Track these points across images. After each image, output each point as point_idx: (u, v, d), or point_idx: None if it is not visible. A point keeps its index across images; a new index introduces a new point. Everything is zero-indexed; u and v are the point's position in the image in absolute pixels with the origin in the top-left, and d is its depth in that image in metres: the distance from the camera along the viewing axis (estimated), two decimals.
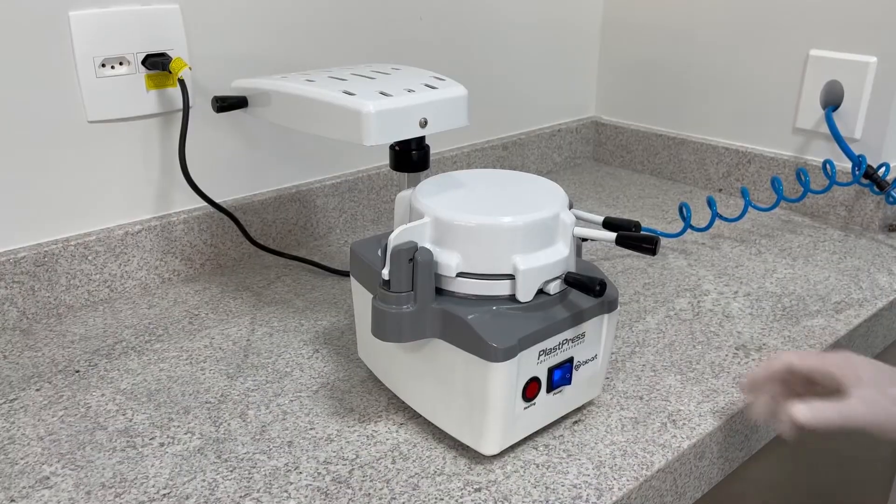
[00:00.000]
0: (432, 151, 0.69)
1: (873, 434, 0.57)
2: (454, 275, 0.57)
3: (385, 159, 0.69)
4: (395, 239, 0.55)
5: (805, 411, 0.56)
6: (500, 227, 0.56)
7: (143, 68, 0.82)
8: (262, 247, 0.93)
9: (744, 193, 1.00)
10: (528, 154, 1.25)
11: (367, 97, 0.61)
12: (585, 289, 0.56)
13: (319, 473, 0.58)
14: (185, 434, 0.63)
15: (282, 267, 0.94)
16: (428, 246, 0.57)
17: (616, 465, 0.59)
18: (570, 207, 0.61)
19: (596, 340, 0.62)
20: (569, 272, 0.58)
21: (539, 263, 0.57)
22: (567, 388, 0.61)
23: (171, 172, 0.87)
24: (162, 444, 0.61)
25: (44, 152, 0.78)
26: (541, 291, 0.58)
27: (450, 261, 0.57)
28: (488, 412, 0.56)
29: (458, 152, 1.14)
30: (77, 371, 0.72)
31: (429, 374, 0.60)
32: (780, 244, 1.01)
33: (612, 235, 0.59)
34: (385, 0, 1.00)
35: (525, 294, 0.57)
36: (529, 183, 0.65)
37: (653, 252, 0.58)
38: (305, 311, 0.83)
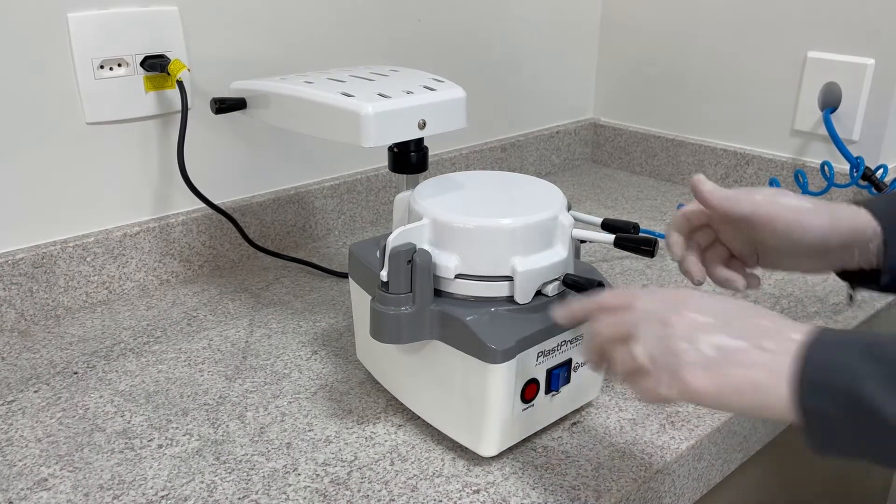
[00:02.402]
0: (431, 153, 0.69)
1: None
2: (453, 276, 0.57)
3: (384, 161, 0.69)
4: (393, 241, 0.55)
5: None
6: (499, 228, 0.56)
7: (141, 70, 0.82)
8: (260, 248, 0.93)
9: None
10: (527, 156, 1.25)
11: (366, 99, 0.61)
12: (583, 290, 0.56)
13: (318, 475, 0.58)
14: (184, 436, 0.63)
15: (280, 268, 0.94)
16: (426, 247, 0.57)
17: (615, 466, 0.59)
18: (569, 209, 0.61)
19: None
20: (567, 274, 0.58)
21: (538, 265, 0.57)
22: (566, 390, 0.61)
23: (169, 174, 0.87)
24: (160, 446, 0.61)
25: (42, 154, 0.78)
26: (539, 293, 0.58)
27: (448, 262, 0.57)
28: (487, 414, 0.56)
29: (456, 154, 1.14)
30: (75, 373, 0.72)
31: (427, 375, 0.60)
32: None
33: (611, 237, 0.59)
34: (384, 2, 1.00)
35: (523, 296, 0.57)
36: (528, 185, 0.65)
37: (651, 254, 0.58)
38: (304, 312, 0.83)
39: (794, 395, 0.42)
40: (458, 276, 0.57)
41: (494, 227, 0.56)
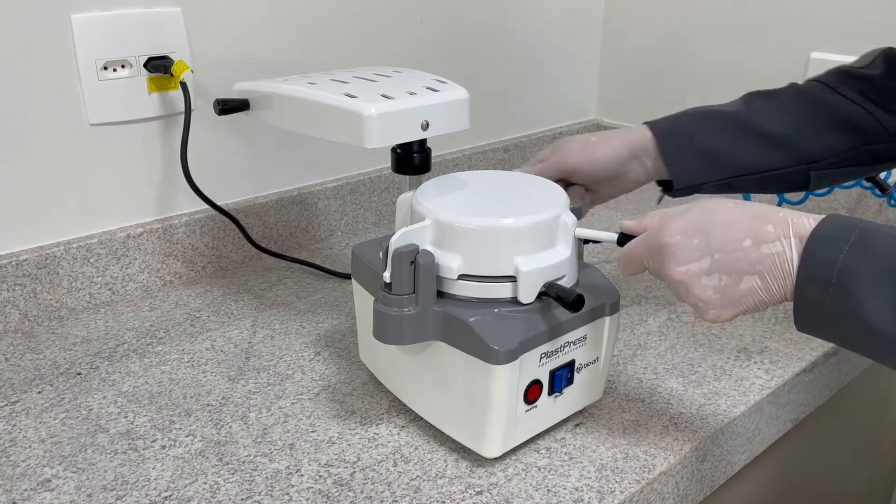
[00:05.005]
0: (433, 154, 0.69)
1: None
2: (456, 277, 0.57)
3: (386, 162, 0.70)
4: (396, 241, 0.55)
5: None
6: (502, 228, 0.56)
7: (144, 71, 0.82)
8: (263, 249, 0.93)
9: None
10: (530, 156, 1.24)
11: (369, 100, 0.61)
12: (563, 302, 0.55)
13: (321, 476, 0.58)
14: (187, 436, 0.63)
15: (283, 269, 0.94)
16: (429, 248, 0.57)
17: (618, 467, 0.59)
18: (573, 211, 0.61)
19: (598, 343, 0.62)
20: (549, 282, 0.57)
21: (540, 265, 0.57)
22: (569, 391, 0.61)
23: (172, 175, 0.87)
24: (163, 447, 0.61)
25: (45, 155, 0.78)
26: (543, 294, 0.58)
27: (451, 263, 0.57)
28: (490, 415, 0.56)
29: (459, 155, 1.14)
30: (79, 373, 0.72)
31: (430, 376, 0.60)
32: None
33: (614, 236, 0.59)
34: (386, 3, 1.00)
35: (526, 296, 0.57)
36: (530, 184, 0.65)
37: None
38: (307, 313, 0.83)
39: (794, 284, 0.49)
40: (460, 277, 0.57)
41: (497, 227, 0.56)
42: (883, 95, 0.74)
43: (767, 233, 0.50)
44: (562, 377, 0.59)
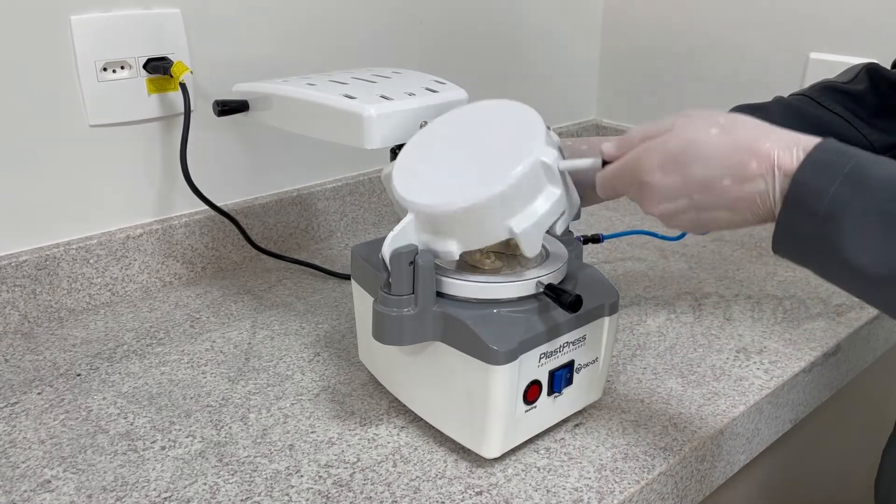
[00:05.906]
0: None
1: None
2: (457, 258, 0.56)
3: (386, 162, 0.70)
4: (390, 244, 0.55)
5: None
6: (486, 202, 0.53)
7: (144, 72, 0.82)
8: (263, 250, 0.93)
9: None
10: None
11: (368, 101, 0.61)
12: (560, 303, 0.54)
13: (321, 477, 0.58)
14: (187, 437, 0.63)
15: (283, 270, 0.94)
16: (423, 237, 0.56)
17: (617, 468, 0.59)
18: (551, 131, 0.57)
19: (597, 343, 0.62)
20: (549, 283, 0.56)
21: (536, 216, 0.54)
22: (568, 391, 0.61)
23: (172, 176, 0.87)
24: (163, 448, 0.61)
25: (45, 156, 0.78)
26: (543, 294, 0.57)
27: (448, 248, 0.55)
28: (489, 415, 0.56)
29: None
30: (78, 374, 0.72)
31: (430, 377, 0.60)
32: None
33: (598, 162, 0.55)
34: (386, 4, 1.00)
35: (531, 250, 0.54)
36: (501, 120, 0.61)
37: None
38: (306, 314, 0.83)
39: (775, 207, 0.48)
40: (460, 278, 0.57)
41: (481, 203, 0.53)
42: (867, 111, 0.75)
43: (750, 170, 0.48)
44: (561, 377, 0.59)
